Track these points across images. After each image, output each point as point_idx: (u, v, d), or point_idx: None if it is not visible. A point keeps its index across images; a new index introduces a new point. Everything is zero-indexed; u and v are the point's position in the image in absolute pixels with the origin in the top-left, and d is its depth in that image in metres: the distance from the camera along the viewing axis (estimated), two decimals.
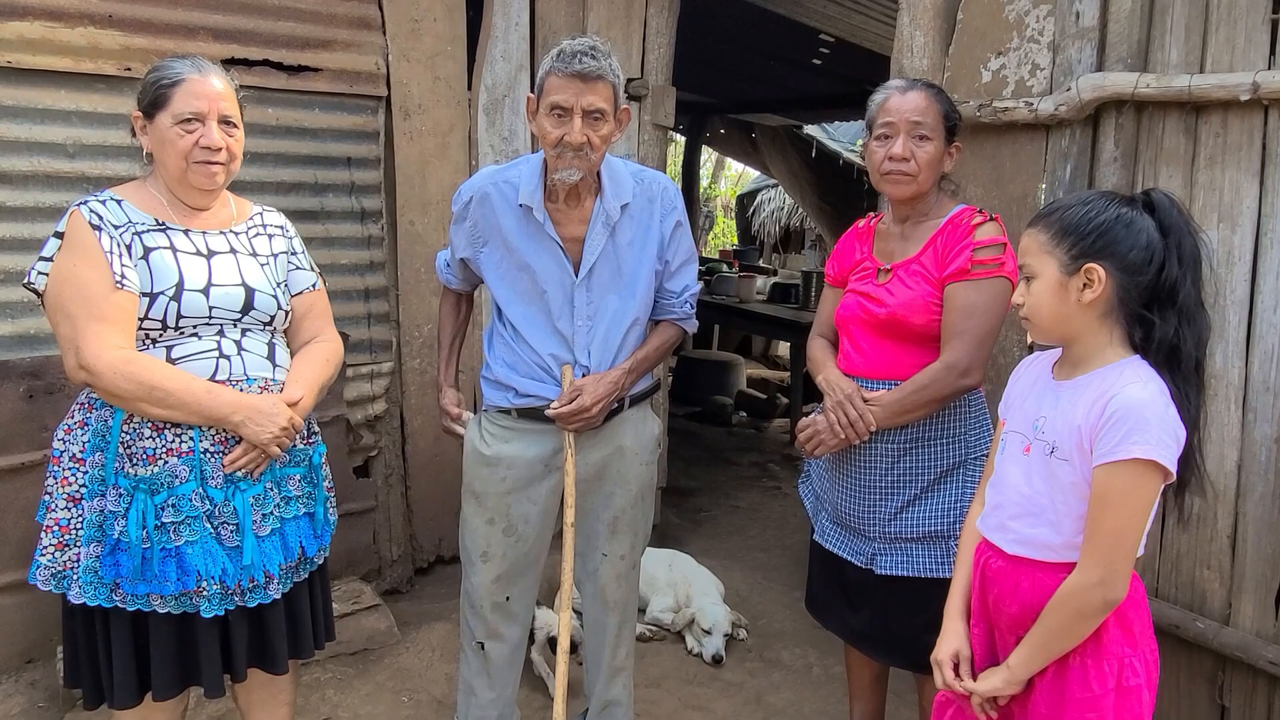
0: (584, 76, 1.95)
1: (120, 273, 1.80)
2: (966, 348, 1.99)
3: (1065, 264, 1.52)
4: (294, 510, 2.00)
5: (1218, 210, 2.16)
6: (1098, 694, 1.52)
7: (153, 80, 1.88)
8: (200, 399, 1.83)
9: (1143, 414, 1.44)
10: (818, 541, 2.29)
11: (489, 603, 2.23)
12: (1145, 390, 1.46)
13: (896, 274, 2.11)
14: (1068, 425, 1.53)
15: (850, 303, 2.18)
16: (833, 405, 2.11)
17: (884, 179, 2.09)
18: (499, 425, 2.22)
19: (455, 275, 2.36)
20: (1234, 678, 2.22)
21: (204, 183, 1.91)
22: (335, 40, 3.13)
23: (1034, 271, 1.56)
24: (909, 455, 2.10)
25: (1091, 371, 1.55)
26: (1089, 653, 1.53)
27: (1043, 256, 1.54)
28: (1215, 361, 2.18)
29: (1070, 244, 1.52)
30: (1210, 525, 2.22)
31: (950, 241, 2.04)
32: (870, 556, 2.14)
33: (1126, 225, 1.51)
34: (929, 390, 2.02)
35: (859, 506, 2.15)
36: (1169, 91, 2.17)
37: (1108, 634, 1.53)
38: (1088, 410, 1.50)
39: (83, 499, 1.84)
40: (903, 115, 2.04)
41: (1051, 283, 1.54)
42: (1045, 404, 1.61)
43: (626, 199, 2.14)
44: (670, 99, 3.82)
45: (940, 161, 2.08)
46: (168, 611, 1.85)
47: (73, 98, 2.70)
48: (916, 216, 2.13)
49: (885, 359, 2.11)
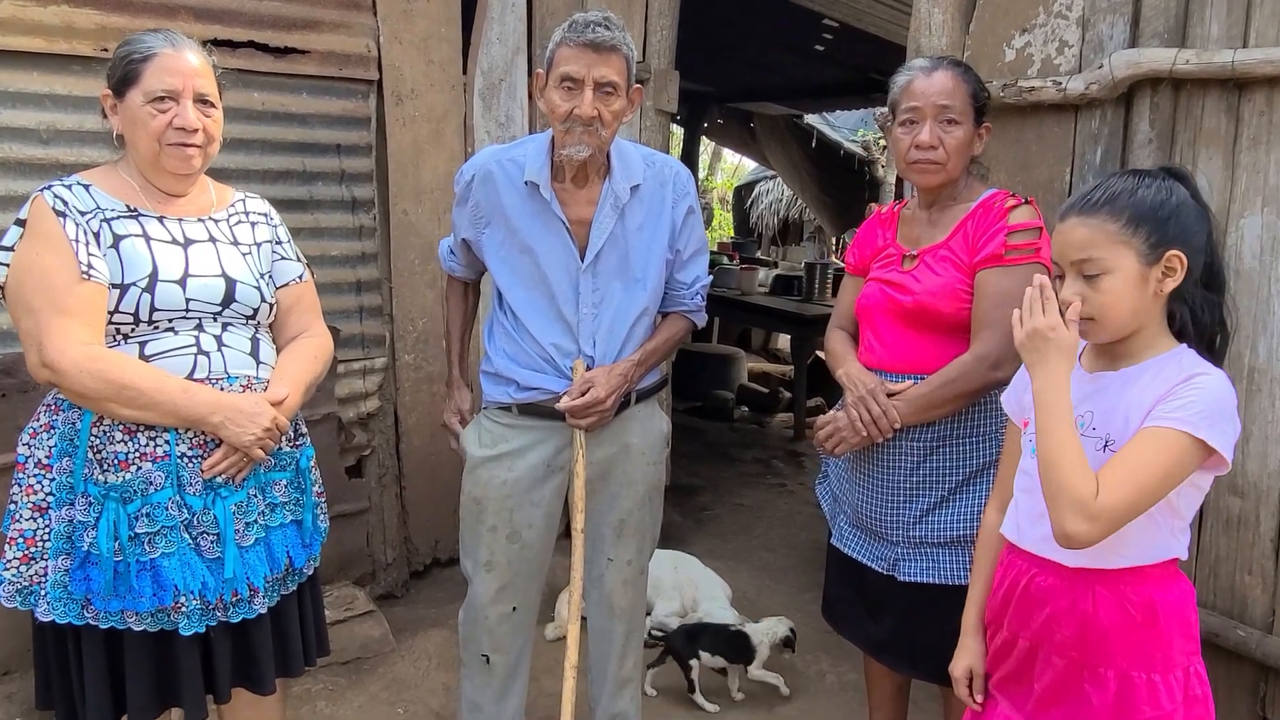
0: (597, 47, 1.86)
1: (87, 262, 1.67)
2: (999, 338, 1.86)
3: (1144, 253, 1.40)
4: (280, 518, 1.88)
5: (1262, 194, 2.04)
6: (1168, 710, 1.42)
7: (123, 55, 1.75)
8: (175, 399, 1.70)
9: (1220, 401, 1.36)
10: (835, 546, 2.17)
11: (494, 614, 2.12)
12: (1219, 380, 1.39)
13: (923, 260, 1.99)
14: (1125, 417, 1.42)
15: (873, 291, 2.06)
16: (854, 401, 2.00)
17: (910, 168, 1.99)
18: (499, 424, 2.10)
19: (459, 261, 2.24)
20: (1277, 689, 2.11)
21: (178, 166, 1.78)
22: (324, 21, 2.99)
23: (1107, 266, 1.41)
24: (935, 454, 1.98)
25: (1145, 361, 1.45)
26: (1157, 666, 1.42)
27: (1117, 248, 1.41)
28: (1258, 355, 2.06)
29: (1148, 231, 1.40)
30: (1252, 528, 2.10)
31: (982, 226, 1.92)
32: (892, 562, 2.02)
33: (1187, 206, 1.43)
34: (958, 384, 1.90)
35: (881, 509, 2.04)
36: (1210, 68, 2.05)
37: (1174, 644, 1.43)
38: (1156, 394, 1.39)
39: (50, 508, 1.72)
40: (928, 99, 1.94)
41: (1131, 275, 1.41)
42: (1087, 398, 1.49)
43: (637, 180, 2.03)
44: (673, 84, 3.69)
45: (970, 145, 1.98)
46: (143, 629, 1.73)
47: (46, 80, 2.56)
48: (944, 201, 2.02)
49: (910, 350, 1.99)
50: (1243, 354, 2.08)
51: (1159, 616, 1.44)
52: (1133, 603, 1.44)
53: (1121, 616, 1.44)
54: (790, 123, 9.45)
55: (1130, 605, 1.44)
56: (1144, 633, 1.44)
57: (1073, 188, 2.36)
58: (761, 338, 9.20)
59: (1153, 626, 1.44)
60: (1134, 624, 1.44)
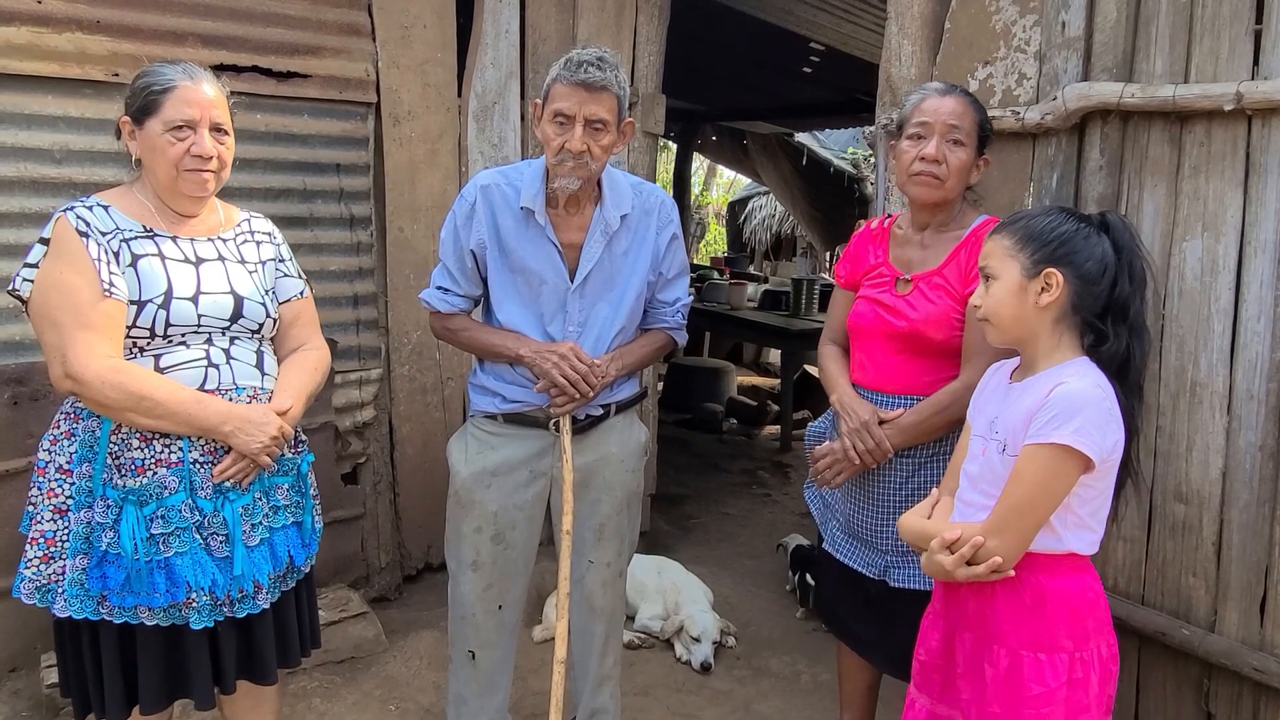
0: (588, 86, 1.97)
1: (108, 280, 1.79)
2: (987, 367, 1.96)
3: (1027, 268, 1.64)
4: (282, 520, 1.99)
5: (1202, 219, 2.17)
6: (1052, 689, 1.60)
7: (143, 86, 1.87)
8: (190, 409, 1.82)
9: (1074, 402, 1.55)
10: (828, 551, 2.27)
11: (481, 611, 2.23)
12: (1081, 382, 1.58)
13: (918, 286, 2.08)
14: (1017, 421, 1.62)
15: (866, 311, 2.14)
16: (849, 432, 2.08)
17: (911, 180, 2.05)
18: (485, 431, 2.22)
19: (458, 291, 2.19)
20: (1220, 685, 2.22)
21: (195, 190, 1.90)
22: (325, 46, 3.12)
23: (996, 273, 1.67)
24: (925, 469, 2.09)
25: (1041, 372, 1.65)
26: (1044, 646, 1.62)
27: (1005, 260, 1.66)
28: (1200, 369, 2.19)
29: (1033, 250, 1.64)
30: (1196, 533, 2.23)
31: (974, 255, 1.99)
32: (883, 569, 2.13)
33: (1085, 238, 1.64)
34: (949, 411, 2.00)
35: (872, 519, 2.14)
36: (1154, 101, 2.18)
37: (1060, 628, 1.62)
38: (1033, 404, 1.59)
39: (69, 510, 1.83)
40: (940, 117, 2.02)
41: (1012, 285, 1.65)
42: (999, 404, 1.71)
43: (626, 210, 2.16)
44: (660, 106, 3.83)
45: (969, 170, 2.06)
46: (156, 624, 1.84)
47: (60, 103, 2.69)
48: (938, 225, 2.11)
49: (901, 373, 2.09)
50: (1186, 369, 2.21)
51: (1047, 601, 1.63)
52: (1023, 586, 1.63)
53: (1012, 598, 1.64)
54: (782, 140, 9.59)
55: (1021, 588, 1.64)
56: (1031, 615, 1.63)
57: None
58: (753, 351, 9.31)
59: (1040, 609, 1.62)
60: (1023, 606, 1.63)
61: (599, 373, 2.10)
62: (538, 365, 2.08)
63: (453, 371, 3.54)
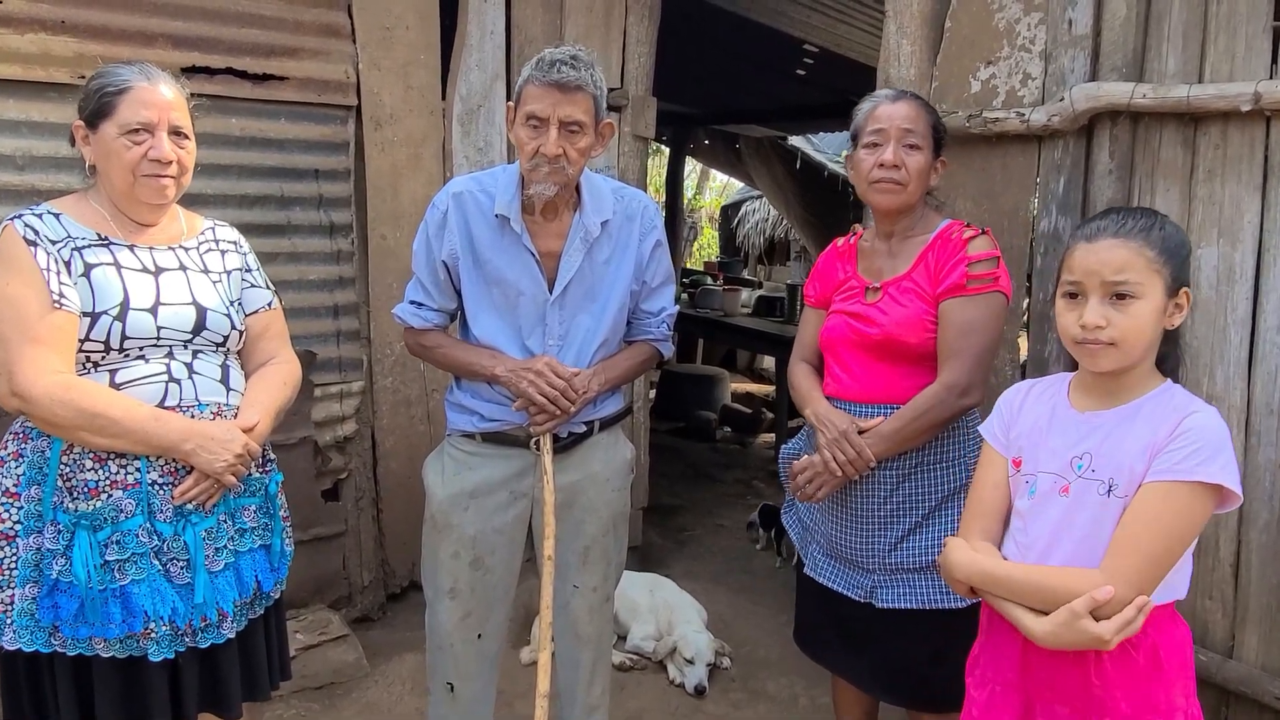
0: (562, 86, 1.86)
1: (58, 291, 1.68)
2: (965, 366, 1.90)
3: (1169, 286, 1.42)
4: (249, 543, 1.89)
5: (1218, 225, 2.08)
6: None
7: (96, 88, 1.76)
8: (147, 426, 1.71)
9: (1216, 435, 1.37)
10: (809, 575, 2.17)
11: (459, 641, 2.11)
12: (1214, 417, 1.40)
13: (887, 292, 2.02)
14: (1131, 457, 1.41)
15: (838, 324, 2.08)
16: (827, 443, 1.99)
17: (872, 188, 2.01)
18: (463, 450, 2.11)
19: (432, 305, 2.09)
20: (1237, 713, 2.13)
21: (153, 197, 1.80)
22: (302, 48, 3.02)
23: (1140, 292, 1.40)
24: (908, 482, 2.00)
25: (1140, 398, 1.46)
26: (1161, 711, 1.42)
27: (1151, 275, 1.41)
28: (1216, 382, 2.10)
29: (1175, 265, 1.42)
30: (1212, 554, 2.13)
31: (942, 257, 1.95)
32: (869, 590, 2.03)
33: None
34: (930, 415, 1.92)
35: (855, 538, 2.04)
36: (1167, 102, 2.09)
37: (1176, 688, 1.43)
38: (1152, 436, 1.40)
39: (17, 536, 1.72)
40: (893, 123, 1.97)
41: (1158, 305, 1.42)
42: (1083, 439, 1.48)
43: (606, 216, 2.05)
44: (650, 109, 3.73)
45: (929, 173, 2.01)
46: (112, 655, 1.73)
47: (22, 107, 2.57)
48: (902, 232, 2.05)
49: (878, 381, 2.01)
50: (1201, 381, 2.11)
51: (1162, 661, 1.43)
52: (1138, 648, 1.42)
53: (1124, 660, 1.42)
54: (775, 144, 9.50)
55: (1135, 650, 1.42)
56: (1148, 678, 1.42)
57: (1038, 216, 2.40)
58: (747, 358, 9.22)
59: (1156, 671, 1.42)
60: (1138, 669, 1.42)
61: (578, 385, 1.98)
62: (514, 385, 1.97)
63: (438, 384, 3.43)
